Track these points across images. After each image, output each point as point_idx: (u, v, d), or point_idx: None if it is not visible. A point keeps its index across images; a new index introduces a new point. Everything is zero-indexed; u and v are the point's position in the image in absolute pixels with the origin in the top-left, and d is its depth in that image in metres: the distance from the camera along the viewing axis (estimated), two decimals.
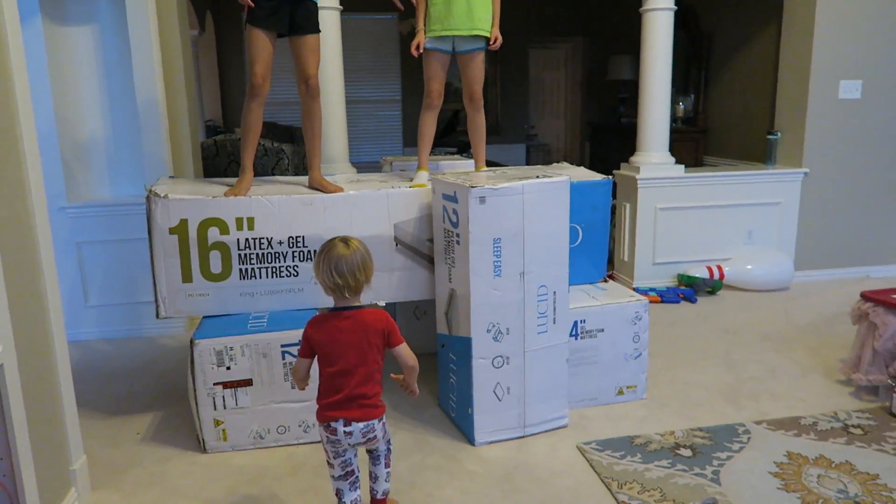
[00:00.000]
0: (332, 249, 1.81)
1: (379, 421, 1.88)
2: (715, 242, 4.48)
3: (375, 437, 1.88)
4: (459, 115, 7.25)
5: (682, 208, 4.40)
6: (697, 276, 4.30)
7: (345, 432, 1.82)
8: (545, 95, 9.04)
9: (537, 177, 2.57)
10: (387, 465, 2.01)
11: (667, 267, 4.44)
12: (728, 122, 5.65)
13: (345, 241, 1.84)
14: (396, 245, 2.76)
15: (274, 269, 2.64)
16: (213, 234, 2.56)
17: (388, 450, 2.01)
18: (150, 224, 2.54)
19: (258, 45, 2.62)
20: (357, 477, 1.92)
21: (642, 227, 4.38)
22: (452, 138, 7.29)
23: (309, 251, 2.65)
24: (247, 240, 2.60)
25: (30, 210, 2.01)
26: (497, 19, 2.94)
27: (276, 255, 2.64)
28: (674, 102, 5.64)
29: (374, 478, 2.01)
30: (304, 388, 1.97)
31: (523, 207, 2.44)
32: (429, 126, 3.02)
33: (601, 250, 3.11)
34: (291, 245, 2.64)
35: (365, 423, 1.84)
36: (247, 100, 2.71)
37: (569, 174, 2.82)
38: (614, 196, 4.46)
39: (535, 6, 7.63)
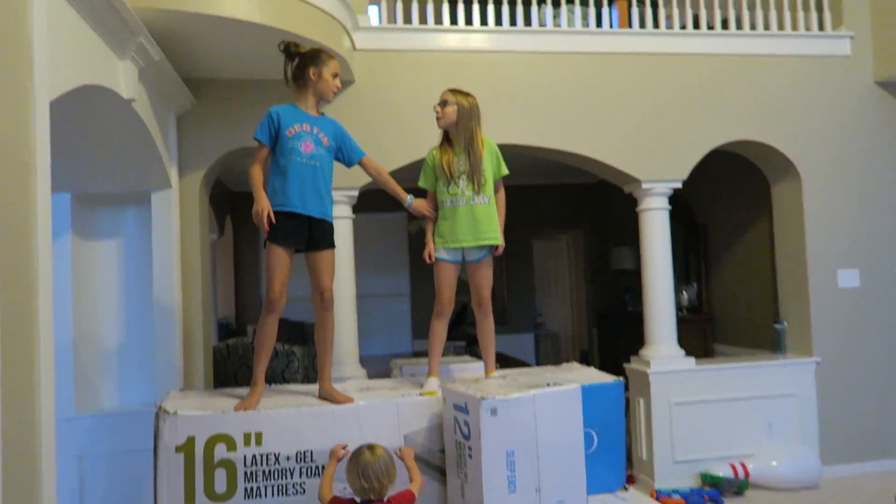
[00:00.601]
0: (360, 456, 2.18)
1: None
2: (735, 437, 4.32)
3: None
4: (468, 308, 7.38)
5: (697, 402, 4.31)
6: (721, 475, 4.11)
7: None
8: (550, 284, 9.26)
9: (548, 385, 2.56)
10: None
11: (688, 465, 4.25)
12: (733, 310, 5.72)
13: (371, 448, 2.22)
14: None
15: (280, 487, 2.55)
16: (220, 450, 2.51)
17: None
18: (157, 442, 2.49)
19: (277, 262, 2.73)
20: None
21: (658, 424, 4.26)
22: (461, 331, 7.35)
23: (317, 466, 2.57)
24: (254, 456, 2.54)
25: (37, 423, 1.99)
26: (502, 226, 3.10)
27: (284, 471, 2.55)
28: (677, 291, 5.74)
29: None
30: None
31: (535, 418, 2.41)
32: (439, 333, 3.05)
33: (618, 455, 3.00)
34: (299, 460, 2.57)
35: None
36: (263, 313, 2.77)
37: (578, 377, 2.81)
38: (627, 389, 4.40)
39: (536, 203, 8.06)
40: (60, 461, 2.89)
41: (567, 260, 8.83)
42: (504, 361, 4.93)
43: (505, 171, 3.09)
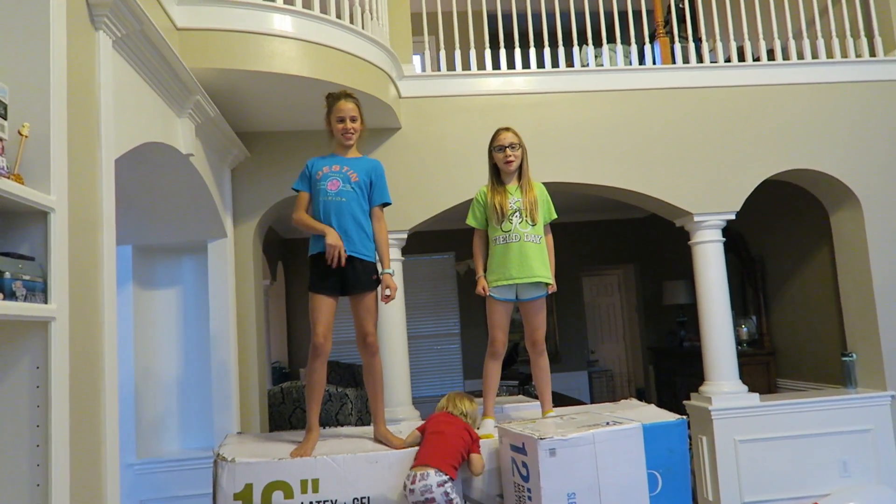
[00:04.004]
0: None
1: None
2: (807, 476, 4.12)
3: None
4: (519, 346, 7.31)
5: (763, 440, 4.13)
6: None
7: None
8: (602, 321, 9.10)
9: (607, 423, 2.49)
10: None
11: None
12: (796, 343, 5.50)
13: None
14: (465, 503, 2.64)
15: None
16: (278, 498, 2.50)
17: None
18: (216, 489, 2.51)
19: (318, 308, 2.73)
20: None
21: (723, 462, 4.10)
22: (512, 371, 7.27)
23: None
24: (311, 503, 2.53)
25: (102, 470, 2.03)
26: (552, 270, 3.07)
27: None
28: (736, 325, 5.56)
29: None
30: None
31: (596, 458, 2.35)
32: (494, 374, 3.01)
33: (684, 498, 2.88)
34: None
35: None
36: (310, 359, 2.76)
37: (639, 416, 2.74)
38: (689, 427, 4.25)
39: (585, 239, 7.99)
40: None
41: (618, 296, 8.69)
42: (559, 400, 4.84)
43: (555, 215, 3.08)
